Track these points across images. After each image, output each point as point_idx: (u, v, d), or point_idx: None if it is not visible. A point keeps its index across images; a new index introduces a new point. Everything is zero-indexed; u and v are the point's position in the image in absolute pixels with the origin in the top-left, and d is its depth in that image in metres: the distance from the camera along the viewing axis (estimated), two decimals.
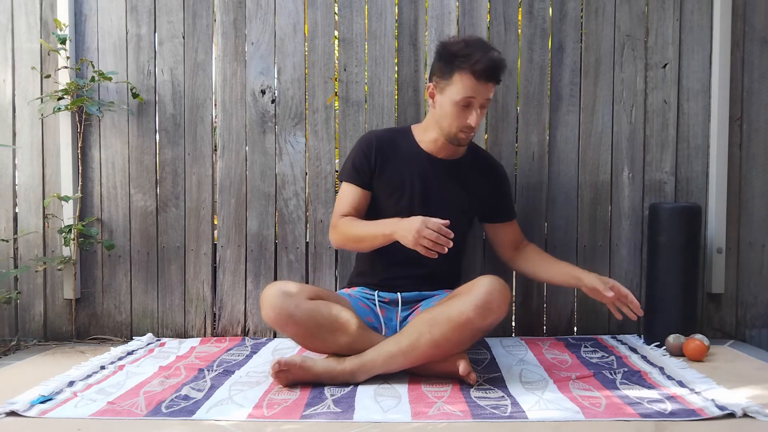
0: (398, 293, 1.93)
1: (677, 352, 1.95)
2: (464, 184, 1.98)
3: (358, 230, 1.86)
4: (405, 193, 1.93)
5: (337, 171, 2.33)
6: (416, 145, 1.97)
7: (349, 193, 1.95)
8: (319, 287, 1.92)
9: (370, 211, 1.98)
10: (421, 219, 1.66)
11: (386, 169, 1.94)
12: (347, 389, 1.65)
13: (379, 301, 1.93)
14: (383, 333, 1.86)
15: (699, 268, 2.18)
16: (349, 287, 2.03)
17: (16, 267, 2.29)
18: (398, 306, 1.93)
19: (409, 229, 1.66)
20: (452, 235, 1.64)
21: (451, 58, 1.80)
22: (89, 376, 1.78)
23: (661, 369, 1.80)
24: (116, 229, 2.32)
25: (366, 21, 2.29)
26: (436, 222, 1.64)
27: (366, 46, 2.29)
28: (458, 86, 1.79)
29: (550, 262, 2.03)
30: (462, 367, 1.66)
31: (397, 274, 1.93)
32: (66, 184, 2.27)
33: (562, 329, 2.30)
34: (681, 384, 1.66)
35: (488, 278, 1.68)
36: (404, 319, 1.91)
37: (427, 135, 1.96)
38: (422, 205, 1.92)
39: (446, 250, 1.64)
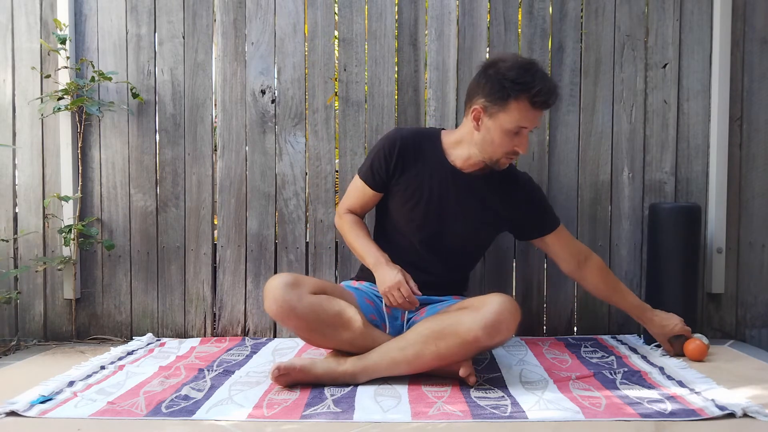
0: None
1: (678, 351, 1.95)
2: (486, 200, 1.90)
3: (354, 241, 1.93)
4: (421, 203, 1.88)
5: (337, 171, 2.33)
6: (443, 155, 1.88)
7: (359, 190, 1.95)
8: (325, 280, 1.91)
9: (382, 210, 1.98)
10: (399, 279, 1.77)
11: (405, 174, 1.88)
12: (347, 389, 1.65)
13: None
14: (386, 331, 1.84)
15: (699, 268, 2.18)
16: (357, 279, 2.00)
17: (16, 267, 2.29)
18: None
19: (385, 281, 1.79)
20: (417, 304, 1.78)
21: (508, 83, 1.70)
22: (89, 376, 1.78)
23: (661, 369, 1.80)
24: (116, 229, 2.32)
25: (366, 21, 2.29)
26: (408, 290, 1.76)
27: (366, 46, 2.29)
28: (514, 115, 1.71)
29: (617, 292, 1.99)
30: (463, 369, 1.66)
31: (412, 277, 1.91)
32: (66, 184, 2.27)
33: (562, 329, 2.30)
34: (681, 384, 1.66)
35: (500, 297, 1.64)
36: (410, 320, 1.88)
37: (459, 150, 1.87)
38: (436, 216, 1.89)
39: (407, 311, 1.83)
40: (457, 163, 1.88)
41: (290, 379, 1.66)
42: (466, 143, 1.85)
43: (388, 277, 1.78)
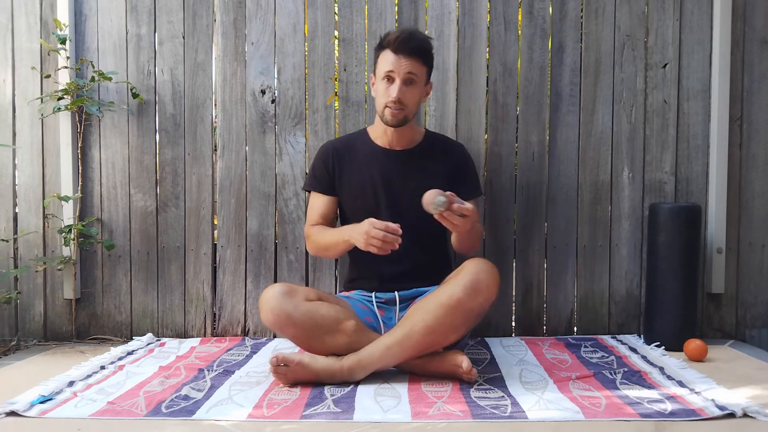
0: (395, 292, 1.93)
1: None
2: (425, 170, 1.98)
3: (324, 239, 1.93)
4: (369, 194, 1.96)
5: None
6: (371, 143, 2.00)
7: (315, 202, 2.02)
8: (318, 289, 1.93)
9: (341, 218, 2.03)
10: (368, 221, 1.74)
11: (345, 174, 1.98)
12: (347, 389, 1.65)
13: (377, 301, 1.93)
14: (382, 332, 1.84)
15: (699, 268, 2.18)
16: (347, 290, 2.04)
17: (16, 267, 2.29)
18: (396, 305, 1.93)
19: (359, 232, 1.74)
20: (400, 232, 1.69)
21: (381, 42, 1.88)
22: (89, 376, 1.78)
23: (661, 369, 1.80)
24: (116, 229, 2.32)
25: (366, 21, 2.29)
26: (381, 222, 1.70)
27: (366, 46, 2.29)
28: (381, 64, 1.87)
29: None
30: (465, 364, 1.67)
31: (390, 272, 1.93)
32: (66, 184, 2.27)
33: (562, 329, 2.30)
34: (681, 384, 1.66)
35: (475, 261, 1.73)
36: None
37: (380, 129, 1.98)
38: (388, 201, 1.94)
39: (396, 246, 1.69)
40: (384, 142, 1.99)
41: (289, 372, 1.67)
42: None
43: (360, 227, 1.74)
